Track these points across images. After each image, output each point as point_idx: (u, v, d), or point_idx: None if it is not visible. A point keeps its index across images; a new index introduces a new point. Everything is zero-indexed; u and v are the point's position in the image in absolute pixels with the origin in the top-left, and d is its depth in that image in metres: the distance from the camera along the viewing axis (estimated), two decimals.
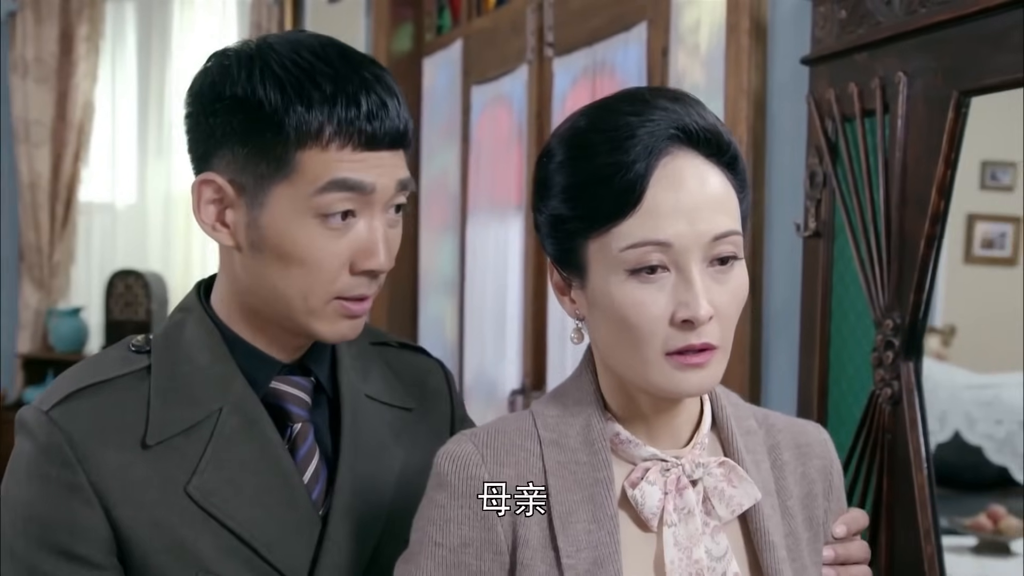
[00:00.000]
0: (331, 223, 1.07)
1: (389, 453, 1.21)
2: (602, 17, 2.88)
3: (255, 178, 1.08)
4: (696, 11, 2.47)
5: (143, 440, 1.09)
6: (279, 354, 1.17)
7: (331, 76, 1.06)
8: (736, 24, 2.17)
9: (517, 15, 3.31)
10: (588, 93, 2.91)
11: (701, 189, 1.00)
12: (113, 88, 5.78)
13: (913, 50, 1.65)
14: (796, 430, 1.17)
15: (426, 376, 1.32)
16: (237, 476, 1.11)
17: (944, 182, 1.58)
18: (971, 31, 1.54)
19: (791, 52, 2.01)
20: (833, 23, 1.84)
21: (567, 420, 1.07)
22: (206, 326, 1.15)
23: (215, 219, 1.11)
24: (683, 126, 1.00)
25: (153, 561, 1.08)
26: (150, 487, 1.08)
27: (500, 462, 1.04)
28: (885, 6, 1.72)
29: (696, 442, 1.07)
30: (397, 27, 4.11)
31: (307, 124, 1.05)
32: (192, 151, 1.15)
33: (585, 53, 2.93)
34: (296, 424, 1.16)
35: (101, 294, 5.49)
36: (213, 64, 1.12)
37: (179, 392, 1.12)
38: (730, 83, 2.19)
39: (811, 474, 1.14)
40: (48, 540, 1.07)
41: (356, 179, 1.06)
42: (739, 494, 1.06)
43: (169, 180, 5.73)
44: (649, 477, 1.04)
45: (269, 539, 1.10)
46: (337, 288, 1.09)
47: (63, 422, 1.08)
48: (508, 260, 3.31)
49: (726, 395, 1.14)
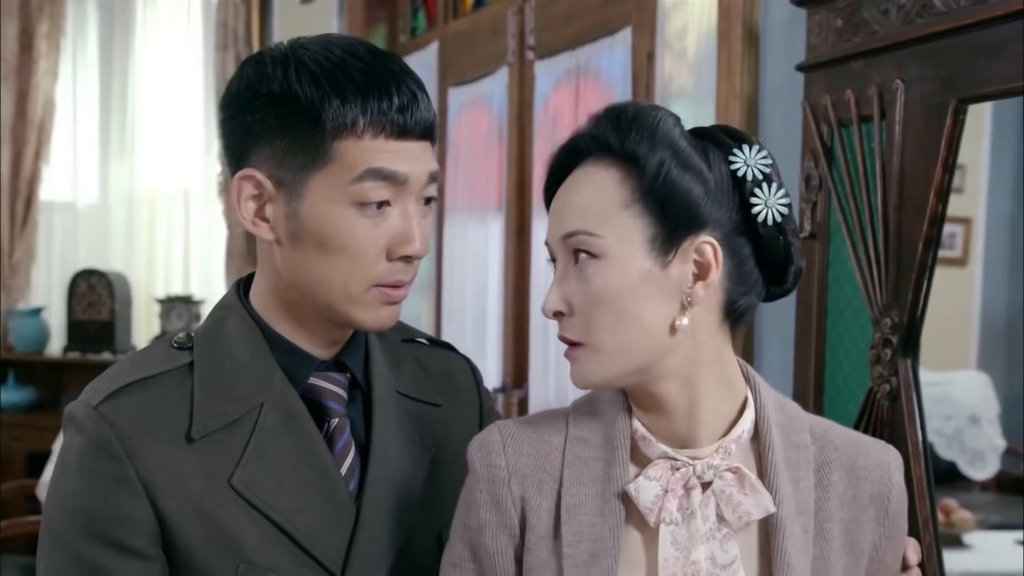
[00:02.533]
0: (367, 211, 1.11)
1: (418, 448, 1.25)
2: (585, 21, 2.93)
3: (293, 170, 1.11)
4: (683, 17, 2.52)
5: (188, 434, 1.12)
6: (317, 350, 1.20)
7: (363, 70, 1.11)
8: (728, 31, 2.23)
9: (497, 18, 3.35)
10: (571, 96, 2.96)
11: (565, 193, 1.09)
12: (75, 86, 5.72)
13: (910, 58, 1.72)
14: (856, 450, 1.12)
15: (455, 372, 1.36)
16: (278, 469, 1.14)
17: (942, 186, 1.65)
18: (969, 41, 1.61)
19: (784, 58, 2.07)
20: (828, 31, 1.90)
21: (596, 417, 1.11)
22: (247, 324, 1.18)
23: (255, 214, 1.15)
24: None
25: (197, 552, 1.11)
26: (195, 479, 1.11)
27: (520, 452, 1.10)
28: (882, 15, 1.78)
29: (720, 446, 1.07)
30: (371, 28, 4.13)
31: (342, 115, 1.09)
32: (229, 151, 1.18)
33: (568, 56, 2.98)
34: (333, 419, 1.20)
35: (63, 294, 5.43)
36: (248, 66, 1.16)
37: (222, 388, 1.15)
38: (722, 88, 2.25)
39: (861, 498, 1.09)
40: (96, 531, 1.09)
41: (391, 169, 1.10)
42: (749, 503, 1.05)
43: (132, 179, 5.68)
44: (649, 472, 1.06)
45: (308, 529, 1.14)
46: (376, 275, 1.13)
47: (111, 416, 1.11)
48: (488, 260, 3.35)
49: (780, 406, 1.12)
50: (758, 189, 1.06)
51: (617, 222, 1.04)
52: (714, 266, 1.05)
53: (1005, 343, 2.57)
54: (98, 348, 5.38)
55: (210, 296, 5.54)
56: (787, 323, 2.02)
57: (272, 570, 1.12)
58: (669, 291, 1.05)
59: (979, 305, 2.53)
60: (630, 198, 1.04)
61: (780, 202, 1.06)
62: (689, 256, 1.04)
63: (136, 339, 5.57)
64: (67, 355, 5.42)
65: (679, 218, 1.04)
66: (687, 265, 1.05)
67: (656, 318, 1.04)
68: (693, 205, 1.04)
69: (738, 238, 1.06)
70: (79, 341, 5.40)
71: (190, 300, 5.44)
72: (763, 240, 1.07)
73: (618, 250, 1.04)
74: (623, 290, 1.04)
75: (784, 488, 1.06)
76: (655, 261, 1.04)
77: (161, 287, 5.65)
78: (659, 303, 1.04)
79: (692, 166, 1.04)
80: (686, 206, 1.03)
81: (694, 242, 1.04)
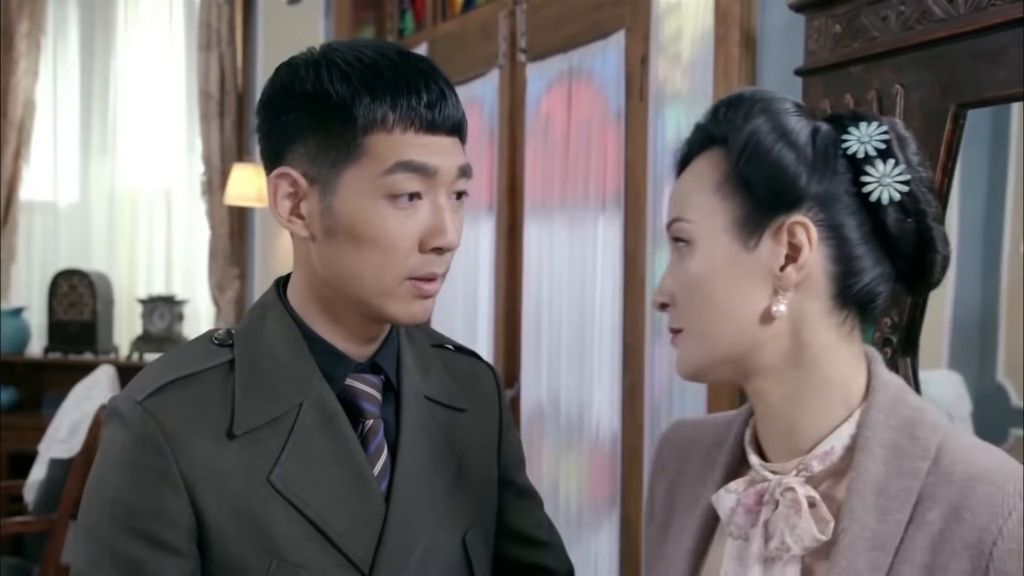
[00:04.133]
0: (399, 203, 1.13)
1: (445, 452, 1.27)
2: (577, 24, 2.96)
3: (327, 166, 1.14)
4: (677, 21, 2.56)
5: (229, 431, 1.14)
6: (353, 349, 1.22)
7: (392, 68, 1.14)
8: (725, 35, 2.27)
9: (488, 20, 3.37)
10: (564, 98, 2.99)
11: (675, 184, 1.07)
12: (55, 85, 5.71)
13: (910, 64, 1.75)
14: (973, 488, 0.93)
15: (480, 380, 1.38)
16: (314, 468, 1.16)
17: (942, 190, 1.69)
18: (969, 48, 1.64)
19: (781, 63, 2.10)
20: (827, 36, 1.94)
21: (729, 420, 1.14)
22: (286, 323, 1.20)
23: (290, 212, 1.17)
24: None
25: (233, 549, 1.12)
26: (235, 476, 1.13)
27: (682, 451, 1.16)
28: (881, 22, 1.82)
29: (802, 462, 1.00)
30: (358, 29, 4.14)
31: (373, 111, 1.12)
32: (266, 154, 1.20)
33: (560, 59, 3.01)
34: (368, 420, 1.21)
35: (44, 294, 5.41)
36: (282, 70, 1.19)
37: (262, 386, 1.17)
38: (719, 92, 2.28)
39: (953, 542, 0.91)
40: (134, 525, 1.11)
41: (421, 161, 1.12)
42: (803, 527, 0.97)
43: (113, 178, 5.67)
44: (730, 484, 1.03)
45: (341, 528, 1.15)
46: (409, 267, 1.14)
47: (156, 412, 1.12)
48: (480, 260, 3.38)
49: (904, 425, 0.99)
50: (869, 166, 0.98)
51: (707, 205, 1.01)
52: (806, 248, 0.98)
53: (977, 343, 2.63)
54: (79, 348, 5.36)
55: (193, 296, 5.53)
56: None
57: (303, 567, 1.13)
58: (759, 275, 0.99)
59: (951, 306, 2.58)
60: (721, 180, 1.01)
61: (897, 179, 0.98)
62: (781, 238, 0.98)
63: (118, 339, 5.55)
64: (48, 355, 5.40)
65: (766, 197, 0.98)
66: (779, 247, 0.98)
67: (745, 305, 0.99)
68: (782, 183, 0.98)
69: (849, 219, 0.99)
70: (60, 341, 5.38)
71: (172, 300, 5.43)
72: (884, 222, 0.99)
73: (705, 233, 1.01)
74: (709, 274, 1.00)
75: (861, 518, 0.95)
76: (742, 244, 0.99)
77: (143, 287, 5.64)
78: (748, 288, 0.99)
79: (781, 144, 0.98)
80: (774, 185, 0.98)
81: (784, 222, 0.98)
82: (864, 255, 0.99)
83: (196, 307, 5.53)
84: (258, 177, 4.73)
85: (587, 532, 2.90)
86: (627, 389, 2.73)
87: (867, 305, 1.01)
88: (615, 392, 2.79)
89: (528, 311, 3.17)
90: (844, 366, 1.01)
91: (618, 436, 2.77)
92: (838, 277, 0.99)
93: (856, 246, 0.99)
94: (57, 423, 4.05)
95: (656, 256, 2.62)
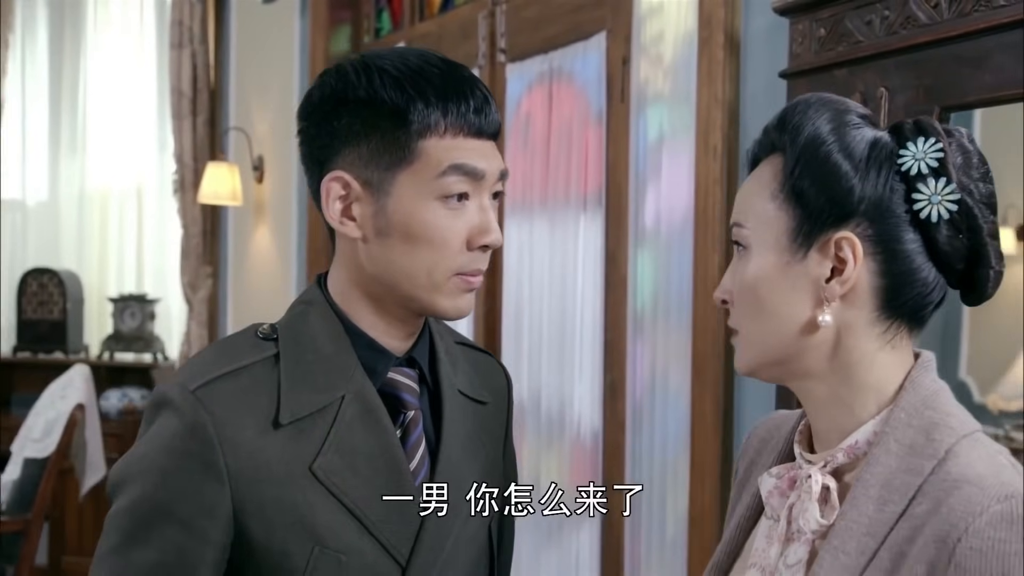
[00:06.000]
0: (450, 204, 1.18)
1: (475, 444, 1.33)
2: (558, 26, 2.98)
3: (381, 169, 1.18)
4: (659, 23, 2.59)
5: (275, 420, 1.18)
6: (393, 343, 1.26)
7: (440, 75, 1.19)
8: (709, 38, 2.30)
9: (466, 20, 3.39)
10: (544, 98, 3.02)
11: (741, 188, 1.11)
12: (23, 83, 5.67)
13: (894, 68, 1.79)
14: (960, 488, 0.95)
15: (494, 375, 1.44)
16: (354, 459, 1.20)
17: None
18: (952, 52, 1.68)
19: (765, 65, 2.14)
20: (811, 40, 1.97)
21: (797, 415, 1.17)
22: (329, 318, 1.25)
23: (342, 214, 1.22)
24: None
25: (276, 536, 1.16)
26: (278, 465, 1.17)
27: (762, 440, 1.22)
28: (865, 26, 1.86)
29: (830, 453, 1.05)
30: (334, 29, 4.14)
31: (426, 117, 1.17)
32: (311, 157, 1.24)
33: (540, 60, 3.03)
34: (409, 412, 1.26)
35: (13, 293, 5.37)
36: (329, 76, 1.23)
37: (306, 379, 1.21)
38: (703, 93, 2.31)
39: (926, 534, 0.94)
40: (173, 509, 1.14)
41: (472, 165, 1.18)
42: (812, 511, 1.03)
43: (83, 177, 5.64)
44: (773, 469, 1.10)
45: (378, 517, 1.20)
46: (458, 264, 1.19)
47: (208, 402, 1.16)
48: None
49: (925, 427, 1.01)
50: (922, 184, 1.00)
51: (763, 213, 1.05)
52: (851, 263, 1.00)
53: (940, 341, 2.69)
54: (49, 348, 5.33)
55: (165, 295, 5.51)
56: None
57: (344, 553, 1.17)
58: (806, 286, 1.02)
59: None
60: (778, 190, 1.04)
61: (948, 198, 1.00)
62: (828, 251, 1.01)
63: (88, 338, 5.52)
64: (17, 355, 5.36)
65: (817, 211, 1.01)
66: (826, 260, 1.01)
67: (792, 312, 1.03)
68: (833, 199, 1.01)
69: (901, 234, 1.01)
70: (30, 341, 5.35)
71: (144, 299, 5.40)
72: (935, 238, 1.01)
73: (759, 241, 1.05)
74: (761, 281, 1.04)
75: (862, 505, 0.99)
76: (793, 254, 1.03)
77: (114, 286, 5.60)
78: (796, 297, 1.03)
79: (836, 159, 1.01)
80: (825, 199, 1.01)
81: (833, 236, 1.01)
82: (914, 270, 1.02)
83: (168, 306, 5.50)
84: (232, 175, 4.72)
85: (568, 529, 2.92)
86: (608, 387, 2.76)
87: (915, 315, 1.04)
88: (596, 390, 2.82)
89: (508, 310, 3.19)
90: (882, 372, 1.04)
91: (600, 434, 2.80)
92: (884, 290, 1.02)
93: (905, 261, 1.01)
94: (31, 423, 4.03)
95: (637, 255, 2.65)
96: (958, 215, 1.00)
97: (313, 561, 1.16)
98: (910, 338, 1.06)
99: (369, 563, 1.18)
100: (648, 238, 2.63)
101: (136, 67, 5.60)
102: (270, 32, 4.61)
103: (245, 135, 4.80)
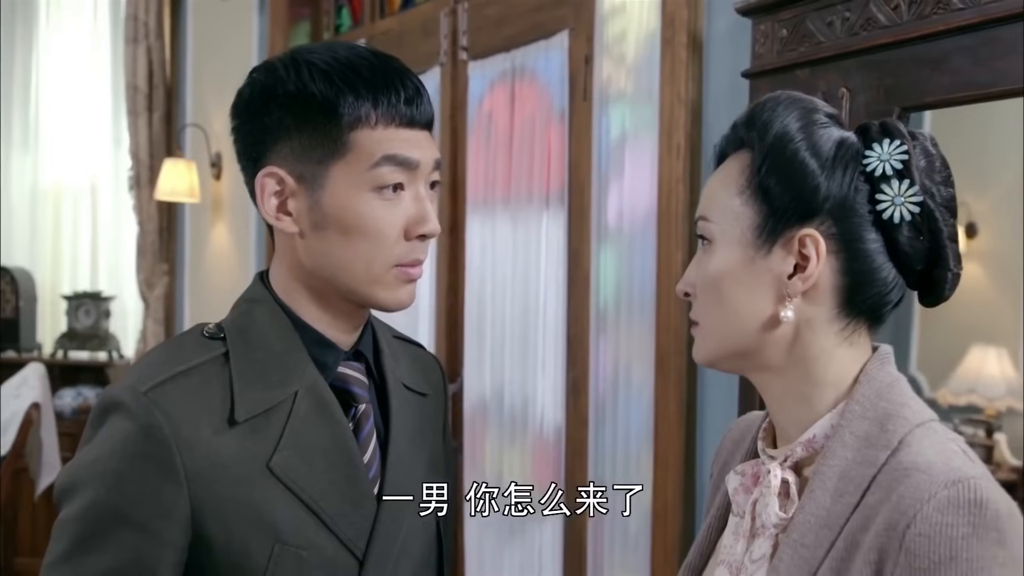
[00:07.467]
0: (385, 195, 1.18)
1: (421, 435, 1.34)
2: (520, 24, 2.99)
3: (313, 163, 1.18)
4: (622, 22, 2.61)
5: (230, 419, 1.17)
6: (340, 339, 1.26)
7: (369, 67, 1.19)
8: (672, 38, 2.32)
9: (428, 18, 3.39)
10: (507, 96, 3.03)
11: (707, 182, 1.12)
12: None
13: (855, 68, 1.83)
14: (908, 474, 0.96)
15: (430, 368, 1.45)
16: (310, 454, 1.20)
17: None
18: (912, 54, 1.72)
19: (727, 65, 2.16)
20: (773, 40, 2.00)
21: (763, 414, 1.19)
22: (276, 315, 1.24)
23: (277, 209, 1.21)
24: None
25: (236, 535, 1.15)
26: (235, 464, 1.16)
27: (735, 441, 1.23)
28: (826, 27, 1.89)
29: (790, 448, 1.07)
30: (294, 26, 4.12)
31: (357, 109, 1.17)
32: (245, 155, 1.24)
33: (503, 58, 3.04)
34: (360, 405, 1.27)
35: None
36: (258, 74, 1.23)
37: (258, 376, 1.21)
38: (666, 92, 2.34)
39: (877, 522, 0.96)
40: (129, 512, 1.13)
41: (404, 155, 1.18)
42: (773, 506, 1.05)
43: (36, 174, 5.56)
44: (738, 467, 1.12)
45: (334, 512, 1.20)
46: (396, 255, 1.20)
47: (162, 404, 1.14)
48: None
49: (880, 418, 1.02)
50: (886, 185, 1.02)
51: (729, 208, 1.06)
52: (814, 260, 1.02)
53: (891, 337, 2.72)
54: (1, 346, 5.25)
55: (120, 293, 5.45)
56: None
57: (304, 549, 1.17)
58: (769, 281, 1.04)
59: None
60: (745, 185, 1.05)
61: (911, 200, 1.01)
62: (791, 248, 1.03)
63: (41, 336, 5.44)
64: None
65: (782, 208, 1.03)
66: (789, 257, 1.03)
67: (754, 307, 1.04)
68: (798, 196, 1.02)
69: (863, 233, 1.03)
70: None
71: (99, 297, 5.34)
72: (896, 239, 1.03)
73: (724, 235, 1.06)
74: (724, 275, 1.05)
75: (819, 498, 1.01)
76: (757, 249, 1.04)
77: (68, 283, 5.54)
78: (757, 293, 1.04)
79: (802, 157, 1.02)
80: (790, 197, 1.02)
81: (797, 233, 1.02)
82: (875, 269, 1.03)
83: (123, 304, 5.45)
84: (189, 172, 4.68)
85: (531, 525, 2.94)
86: (571, 384, 2.78)
87: (874, 313, 1.06)
88: (559, 387, 2.83)
89: (471, 307, 3.19)
90: (839, 367, 1.06)
91: (562, 430, 2.82)
92: (845, 288, 1.04)
93: (867, 260, 1.03)
94: None
95: (601, 252, 2.67)
96: (920, 217, 1.02)
97: (274, 558, 1.16)
98: (868, 335, 1.08)
99: (329, 557, 1.19)
100: (611, 236, 2.65)
101: (90, 62, 5.54)
102: (228, 28, 4.58)
103: (203, 132, 4.76)
